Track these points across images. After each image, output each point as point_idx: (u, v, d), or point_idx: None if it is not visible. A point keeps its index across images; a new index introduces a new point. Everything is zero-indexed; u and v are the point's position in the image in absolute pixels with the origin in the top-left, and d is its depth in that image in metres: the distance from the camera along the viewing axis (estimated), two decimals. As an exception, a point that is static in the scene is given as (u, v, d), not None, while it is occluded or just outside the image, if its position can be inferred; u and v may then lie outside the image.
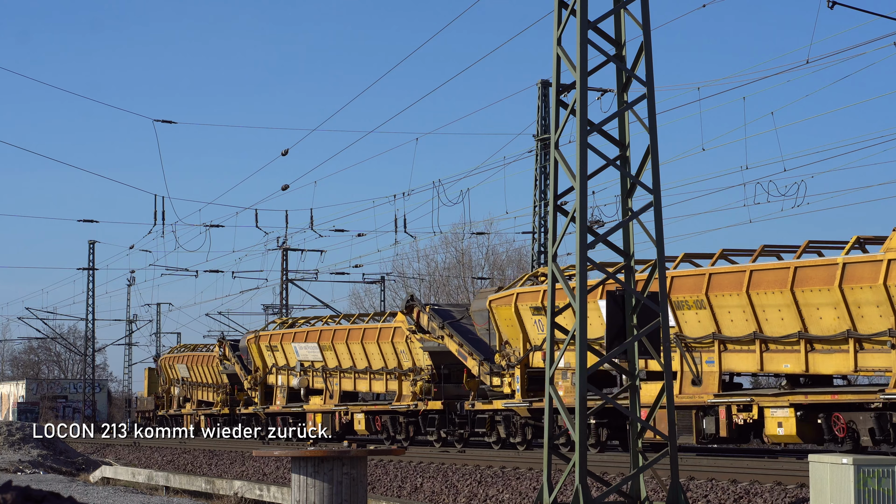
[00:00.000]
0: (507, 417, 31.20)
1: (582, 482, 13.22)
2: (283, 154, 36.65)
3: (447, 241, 72.20)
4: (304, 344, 41.92)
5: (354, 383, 39.00)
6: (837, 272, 21.91)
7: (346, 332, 39.17)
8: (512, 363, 30.23)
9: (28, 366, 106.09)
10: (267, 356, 45.01)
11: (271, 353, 44.45)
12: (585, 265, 13.60)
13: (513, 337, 30.32)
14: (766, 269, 23.67)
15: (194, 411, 56.56)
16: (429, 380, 34.58)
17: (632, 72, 14.11)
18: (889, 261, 21.17)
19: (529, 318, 29.58)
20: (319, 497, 13.54)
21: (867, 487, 13.45)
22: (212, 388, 53.88)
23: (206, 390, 54.87)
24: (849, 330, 21.83)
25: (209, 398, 54.62)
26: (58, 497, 9.91)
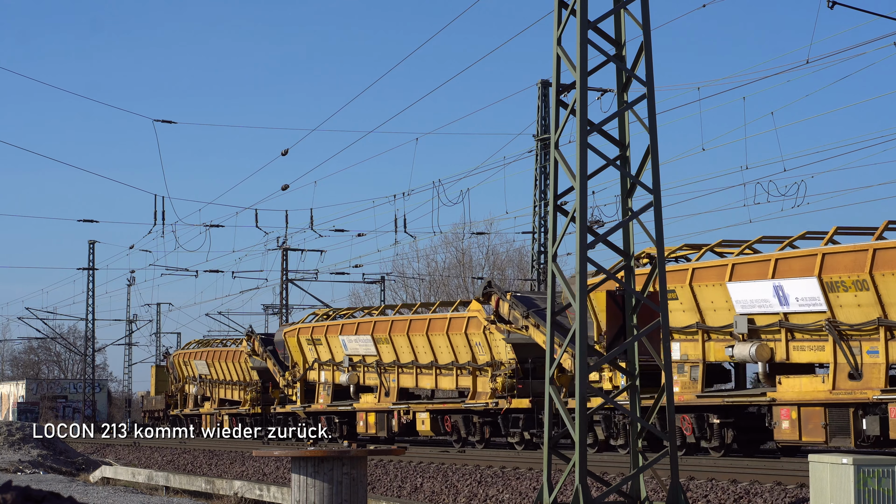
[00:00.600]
0: (606, 417, 28.07)
1: (582, 482, 13.22)
2: (283, 154, 36.67)
3: (447, 241, 72.25)
4: (355, 337, 38.64)
5: (416, 380, 35.70)
6: None
7: (407, 322, 35.92)
8: None
9: (28, 366, 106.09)
10: (308, 350, 41.90)
11: (313, 347, 41.31)
12: (585, 265, 13.60)
13: None
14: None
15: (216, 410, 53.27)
16: (511, 375, 31.41)
17: (632, 72, 14.10)
18: None
19: None
20: (319, 497, 13.54)
21: (867, 487, 13.45)
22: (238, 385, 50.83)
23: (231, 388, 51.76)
24: None
25: (234, 396, 51.44)
26: (58, 497, 9.91)
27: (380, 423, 37.47)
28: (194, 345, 59.47)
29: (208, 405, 54.64)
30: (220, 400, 53.12)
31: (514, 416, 31.51)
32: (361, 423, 38.41)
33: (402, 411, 36.28)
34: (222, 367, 52.10)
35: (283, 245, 62.81)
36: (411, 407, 35.87)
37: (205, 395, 54.92)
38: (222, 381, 52.45)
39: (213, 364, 52.95)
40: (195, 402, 56.72)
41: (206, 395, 54.81)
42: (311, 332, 41.34)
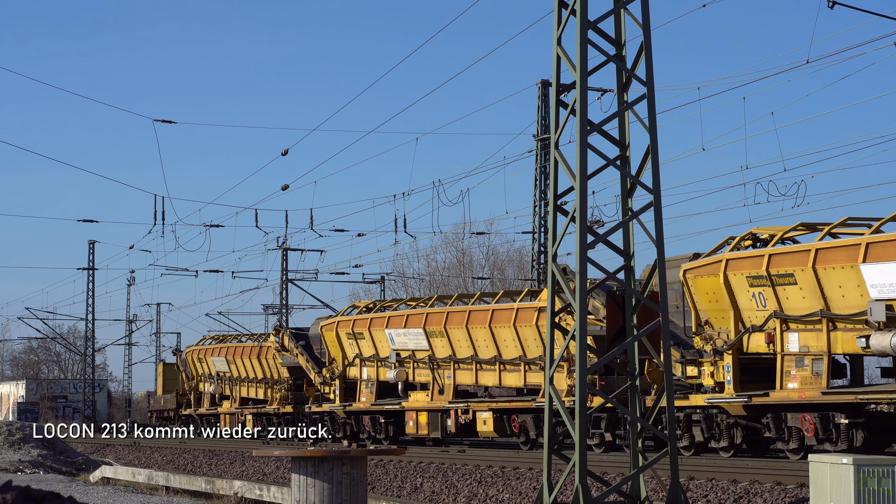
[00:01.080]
0: (708, 416, 25.45)
1: (582, 482, 13.23)
2: (283, 154, 36.68)
3: (447, 241, 72.26)
4: (404, 330, 35.53)
5: (476, 376, 32.71)
6: None
7: (466, 314, 32.76)
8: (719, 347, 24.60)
9: (28, 366, 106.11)
10: (348, 345, 38.86)
11: (354, 341, 38.31)
12: (585, 265, 13.60)
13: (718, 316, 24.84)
14: None
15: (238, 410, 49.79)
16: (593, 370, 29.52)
17: (632, 72, 14.11)
18: None
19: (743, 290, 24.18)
20: (319, 497, 13.54)
21: (867, 487, 13.45)
22: (264, 383, 47.23)
23: (255, 386, 48.15)
24: None
25: (259, 395, 47.94)
26: (58, 497, 9.91)
27: (432, 424, 34.71)
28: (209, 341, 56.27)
29: (227, 404, 51.36)
30: (242, 399, 49.83)
31: (596, 415, 28.42)
32: (411, 424, 35.64)
33: (461, 410, 33.42)
34: (245, 364, 48.78)
35: (283, 245, 62.83)
36: (471, 406, 32.82)
37: (223, 393, 51.69)
38: (245, 378, 49.09)
39: (235, 361, 49.69)
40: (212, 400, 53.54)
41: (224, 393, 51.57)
42: (353, 326, 38.36)
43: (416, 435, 36.00)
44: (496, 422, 31.97)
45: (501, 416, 31.91)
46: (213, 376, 52.13)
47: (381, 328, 36.80)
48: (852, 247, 21.87)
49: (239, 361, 48.98)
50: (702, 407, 25.33)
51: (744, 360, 24.52)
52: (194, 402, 55.70)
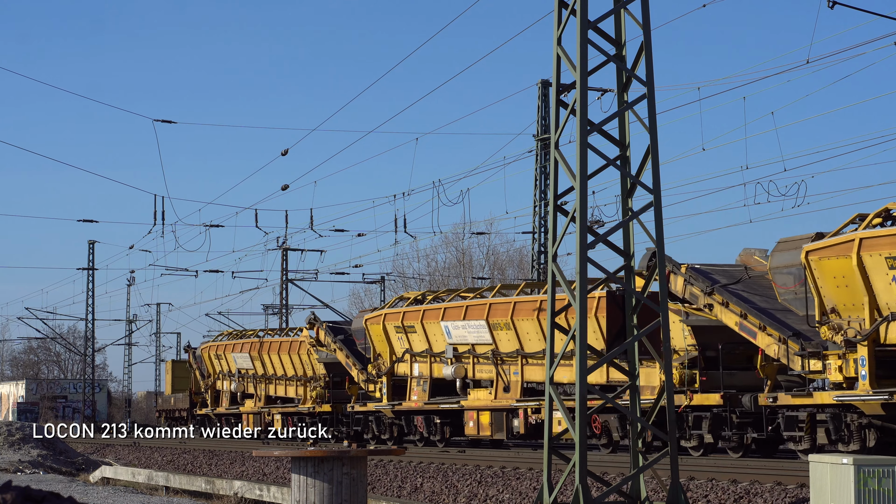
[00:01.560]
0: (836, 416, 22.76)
1: (582, 482, 13.22)
2: (283, 154, 36.69)
3: (447, 241, 72.23)
4: (462, 322, 32.70)
5: None
6: None
7: (536, 303, 29.69)
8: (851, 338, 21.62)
9: (28, 366, 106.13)
10: (396, 340, 35.88)
11: (404, 335, 35.39)
12: (586, 265, 13.60)
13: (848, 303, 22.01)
14: None
15: (264, 409, 46.65)
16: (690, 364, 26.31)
17: (632, 72, 14.10)
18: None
19: None
20: (319, 497, 13.54)
21: (867, 487, 13.45)
22: (295, 380, 44.02)
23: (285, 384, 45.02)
24: None
25: (289, 393, 44.83)
26: (58, 497, 9.90)
27: (496, 424, 31.89)
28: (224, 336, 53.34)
29: (251, 403, 48.26)
30: (269, 397, 46.78)
31: (696, 414, 25.74)
32: (471, 424, 32.77)
33: (531, 409, 30.40)
34: (273, 361, 45.54)
35: (283, 245, 62.85)
36: (542, 404, 29.36)
37: (245, 391, 48.74)
38: (272, 376, 45.77)
39: (261, 357, 46.47)
40: (232, 399, 50.60)
41: (247, 391, 48.60)
42: (402, 319, 35.32)
43: (476, 436, 33.31)
44: None
45: None
46: (233, 374, 49.27)
47: (436, 321, 33.87)
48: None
49: (266, 357, 45.98)
50: (828, 406, 22.57)
51: (880, 352, 21.50)
52: (211, 401, 52.86)
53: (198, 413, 54.91)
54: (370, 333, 36.99)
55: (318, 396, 41.93)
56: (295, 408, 43.92)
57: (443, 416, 34.82)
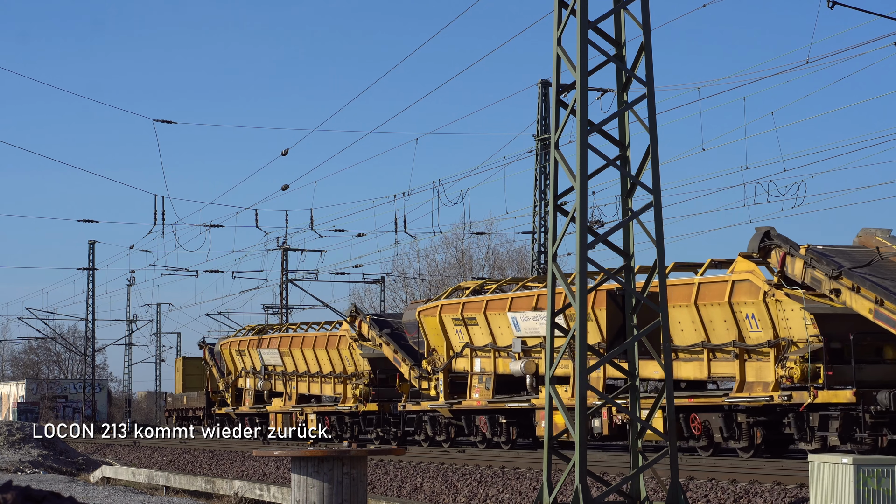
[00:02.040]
0: None
1: (582, 482, 13.23)
2: (283, 154, 36.69)
3: (447, 241, 72.25)
4: (533, 314, 29.71)
5: None
6: None
7: None
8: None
9: (28, 366, 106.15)
10: (454, 333, 33.24)
11: (463, 328, 32.69)
12: (585, 265, 13.61)
13: None
14: None
15: (297, 408, 43.52)
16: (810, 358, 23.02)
17: (632, 72, 14.11)
18: None
19: None
20: (319, 497, 13.54)
21: (867, 487, 13.45)
22: (333, 378, 40.92)
23: (320, 381, 41.91)
24: None
25: (326, 392, 41.83)
26: (58, 497, 9.90)
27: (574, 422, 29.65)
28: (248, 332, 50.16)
29: (279, 402, 45.35)
30: (301, 396, 43.87)
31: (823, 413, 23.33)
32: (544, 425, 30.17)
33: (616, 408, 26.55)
34: (307, 357, 42.52)
35: (283, 245, 62.84)
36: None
37: (273, 390, 45.84)
38: (305, 373, 42.82)
39: (292, 353, 43.55)
40: (257, 398, 47.51)
41: (274, 390, 45.77)
42: (462, 310, 32.68)
43: None
44: None
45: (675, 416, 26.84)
46: (259, 371, 46.40)
47: (502, 312, 31.04)
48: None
49: (298, 354, 43.06)
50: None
51: None
52: (232, 400, 49.77)
53: (217, 413, 52.03)
54: (424, 326, 34.42)
55: (363, 395, 38.74)
56: (333, 407, 40.74)
57: (509, 416, 31.92)
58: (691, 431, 25.84)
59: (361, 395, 38.67)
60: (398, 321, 37.90)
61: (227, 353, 49.78)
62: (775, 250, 23.55)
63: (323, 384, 41.86)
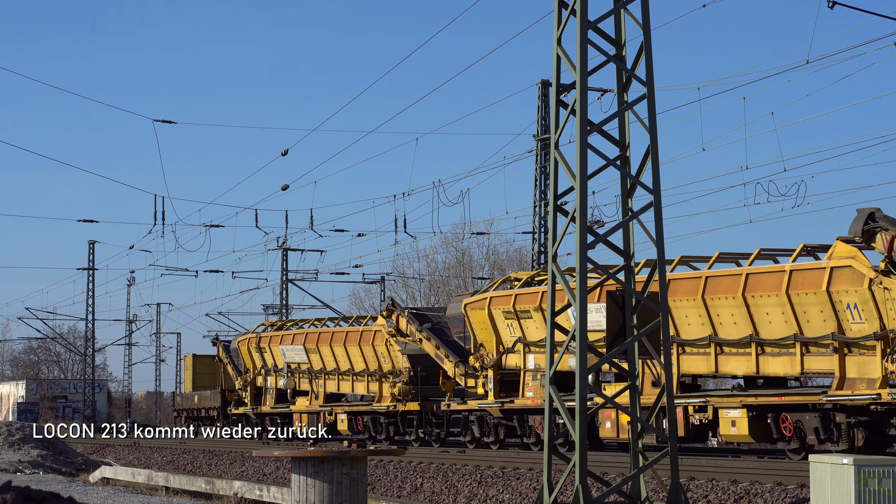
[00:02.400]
0: None
1: (582, 482, 13.22)
2: (283, 154, 36.69)
3: (447, 241, 72.25)
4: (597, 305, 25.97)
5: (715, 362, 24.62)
6: None
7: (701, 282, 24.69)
8: None
9: (28, 366, 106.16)
10: (505, 328, 30.88)
11: (515, 321, 30.37)
12: (585, 265, 13.60)
13: None
14: None
15: (325, 407, 41.03)
16: None
17: (632, 72, 14.10)
18: None
19: None
20: (319, 497, 13.53)
21: (867, 487, 13.44)
22: (366, 376, 38.33)
23: (351, 379, 39.40)
24: None
25: (358, 390, 39.38)
26: (58, 497, 9.90)
27: None
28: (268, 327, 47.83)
29: (304, 401, 42.89)
30: (329, 395, 41.31)
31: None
32: (609, 425, 27.24)
33: (693, 407, 25.30)
34: (336, 353, 40.08)
35: (283, 245, 62.83)
36: (713, 401, 24.90)
37: (297, 388, 43.50)
38: (333, 370, 40.42)
39: (319, 349, 41.07)
40: (279, 397, 45.05)
41: (299, 388, 43.42)
42: (514, 302, 30.30)
43: (614, 439, 27.56)
44: (753, 423, 24.10)
45: (763, 415, 24.10)
46: (281, 369, 43.98)
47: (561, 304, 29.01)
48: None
49: (326, 350, 40.66)
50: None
51: None
52: (251, 399, 47.08)
53: (233, 413, 49.37)
54: (470, 320, 32.11)
55: (402, 393, 36.17)
56: (367, 406, 38.09)
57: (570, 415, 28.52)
58: (781, 433, 23.81)
59: (401, 393, 36.22)
60: (439, 315, 35.74)
61: (245, 350, 47.05)
62: (881, 233, 21.52)
63: (355, 382, 39.52)
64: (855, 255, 21.87)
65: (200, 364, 59.19)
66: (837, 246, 22.20)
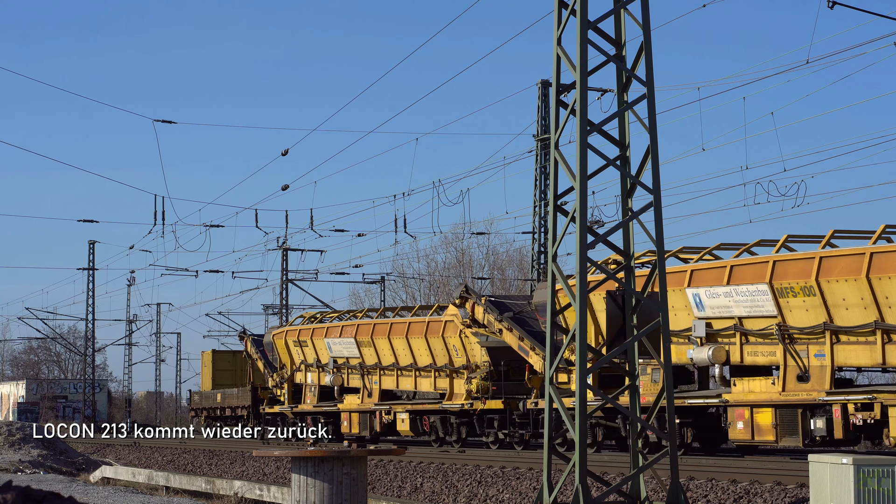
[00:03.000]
0: None
1: (582, 482, 13.22)
2: (283, 154, 36.69)
3: (447, 241, 72.25)
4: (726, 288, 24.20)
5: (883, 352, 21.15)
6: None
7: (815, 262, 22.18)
8: None
9: (28, 366, 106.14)
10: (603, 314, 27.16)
11: None
12: (585, 265, 13.60)
13: None
14: None
15: (381, 406, 37.51)
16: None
17: (632, 72, 14.11)
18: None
19: None
20: (319, 497, 13.54)
21: (867, 487, 13.44)
22: (432, 370, 34.55)
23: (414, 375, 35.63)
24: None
25: (422, 387, 35.49)
26: (58, 497, 9.90)
27: (787, 424, 23.17)
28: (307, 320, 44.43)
29: (354, 399, 39.36)
30: (384, 392, 37.79)
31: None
32: (741, 425, 24.22)
33: (855, 405, 21.76)
34: (395, 346, 36.26)
35: (283, 245, 62.85)
36: (881, 398, 21.35)
37: (345, 385, 39.72)
38: (392, 365, 36.65)
39: (374, 342, 37.42)
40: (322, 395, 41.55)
41: (347, 385, 39.76)
42: None
43: (749, 441, 24.49)
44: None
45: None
46: (325, 364, 40.38)
47: (679, 288, 24.95)
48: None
49: (383, 343, 37.02)
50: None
51: None
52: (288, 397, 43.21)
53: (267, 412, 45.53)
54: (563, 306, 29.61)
55: (480, 390, 32.40)
56: (436, 405, 34.15)
57: (683, 415, 26.07)
58: None
59: (479, 390, 32.41)
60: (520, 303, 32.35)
61: (282, 344, 43.16)
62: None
63: (418, 378, 35.49)
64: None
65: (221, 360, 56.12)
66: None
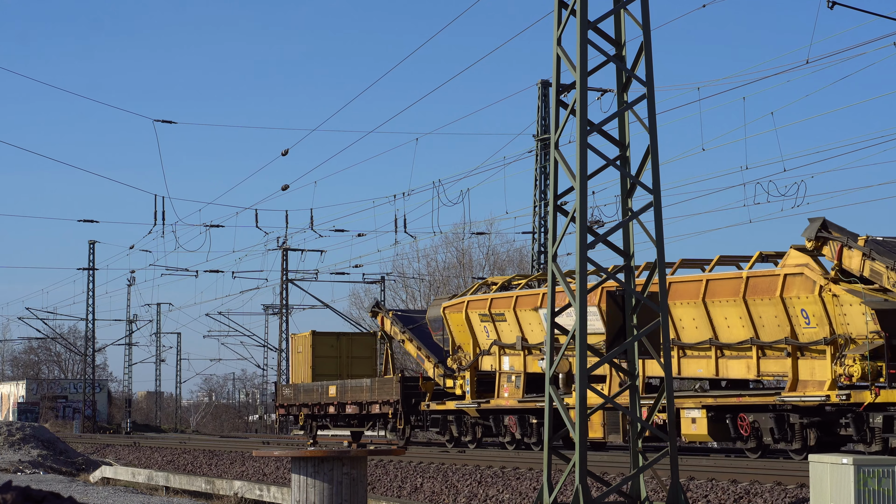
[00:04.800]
0: None
1: (582, 482, 13.22)
2: (283, 154, 36.69)
3: (447, 241, 72.19)
4: None
5: None
6: None
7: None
8: None
9: (28, 366, 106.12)
10: None
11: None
12: (585, 265, 13.60)
13: None
14: None
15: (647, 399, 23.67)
16: None
17: (632, 72, 14.11)
18: None
19: None
20: (319, 497, 13.53)
21: (867, 487, 13.45)
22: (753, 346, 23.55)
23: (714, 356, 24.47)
24: None
25: (730, 373, 24.37)
26: (58, 497, 9.90)
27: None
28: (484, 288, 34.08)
29: None
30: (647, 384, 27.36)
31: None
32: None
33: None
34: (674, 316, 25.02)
35: (283, 245, 62.86)
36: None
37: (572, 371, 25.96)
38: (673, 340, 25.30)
39: None
40: (528, 386, 30.56)
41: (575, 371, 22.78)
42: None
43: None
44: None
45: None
46: (537, 344, 29.79)
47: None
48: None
49: None
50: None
51: None
52: (472, 390, 32.26)
53: (433, 409, 33.79)
54: None
55: (864, 373, 21.45)
56: (772, 398, 23.53)
57: None
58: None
59: (869, 372, 21.39)
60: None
61: (459, 319, 32.56)
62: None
63: (726, 360, 24.56)
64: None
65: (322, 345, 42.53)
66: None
